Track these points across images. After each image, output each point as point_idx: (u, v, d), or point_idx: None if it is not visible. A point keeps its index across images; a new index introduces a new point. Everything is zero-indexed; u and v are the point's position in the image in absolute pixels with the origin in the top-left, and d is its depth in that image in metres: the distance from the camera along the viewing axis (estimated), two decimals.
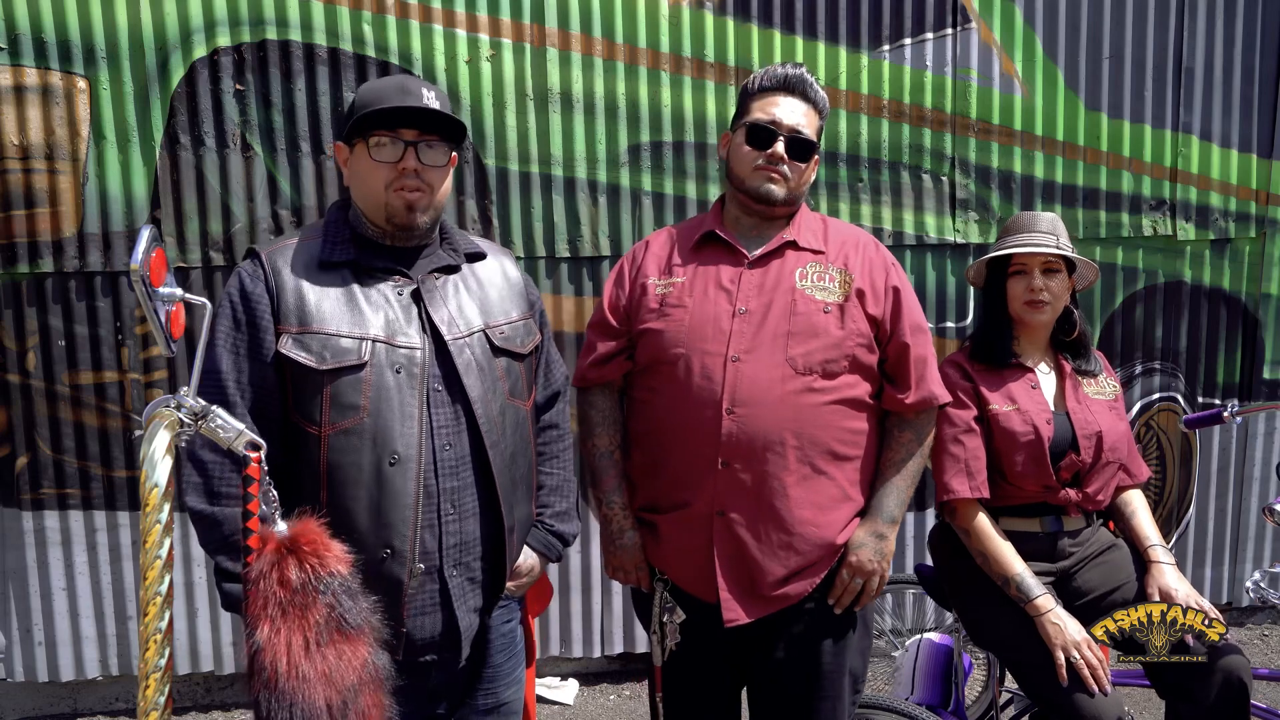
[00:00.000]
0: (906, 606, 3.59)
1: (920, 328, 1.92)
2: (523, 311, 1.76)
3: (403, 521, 1.54)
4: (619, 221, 3.33)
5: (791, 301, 1.85)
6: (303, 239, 1.66)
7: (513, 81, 3.22)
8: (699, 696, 2.00)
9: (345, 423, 1.53)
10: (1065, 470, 2.07)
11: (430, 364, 1.59)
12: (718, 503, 1.82)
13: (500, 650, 1.78)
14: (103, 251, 3.11)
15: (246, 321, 1.56)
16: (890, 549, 1.88)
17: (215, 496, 1.52)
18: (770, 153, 1.86)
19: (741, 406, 1.79)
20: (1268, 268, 3.68)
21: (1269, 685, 3.16)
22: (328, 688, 1.25)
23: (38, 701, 3.39)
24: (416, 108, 1.57)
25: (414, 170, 1.59)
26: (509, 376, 1.69)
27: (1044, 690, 1.96)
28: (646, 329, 1.91)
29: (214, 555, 1.55)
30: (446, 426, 1.59)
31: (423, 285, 1.64)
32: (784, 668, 1.89)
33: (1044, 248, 2.07)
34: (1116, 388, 2.22)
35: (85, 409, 3.17)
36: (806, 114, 1.91)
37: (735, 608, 1.83)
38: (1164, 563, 2.07)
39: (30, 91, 3.02)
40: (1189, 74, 3.52)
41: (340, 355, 1.54)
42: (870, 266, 1.91)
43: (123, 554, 3.24)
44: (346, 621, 1.29)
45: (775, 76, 1.91)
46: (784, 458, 1.79)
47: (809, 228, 1.96)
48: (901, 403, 1.89)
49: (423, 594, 1.59)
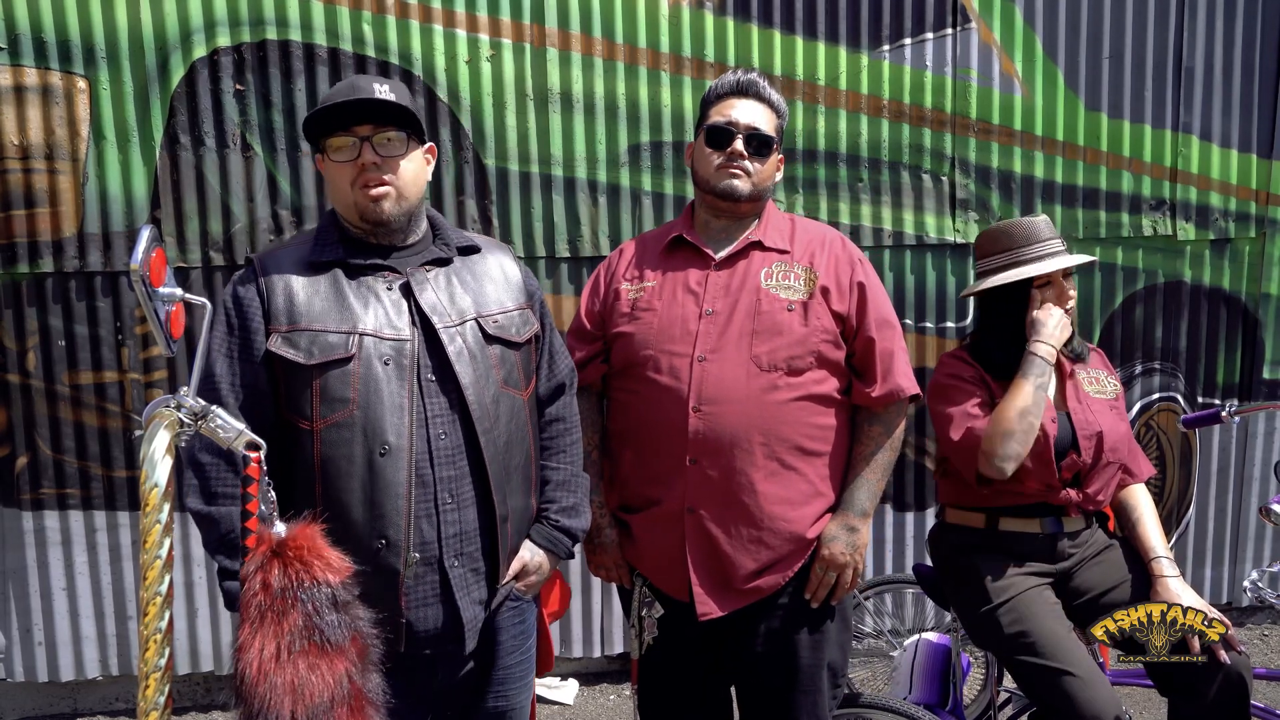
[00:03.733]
0: (905, 606, 3.59)
1: (887, 322, 1.95)
2: (519, 302, 1.76)
3: (395, 511, 1.56)
4: (619, 221, 3.33)
5: (756, 301, 1.89)
6: (296, 243, 1.70)
7: (513, 81, 3.22)
8: (678, 690, 2.04)
9: (335, 416, 1.55)
10: (1066, 470, 2.07)
11: (421, 354, 1.61)
12: (688, 500, 1.87)
13: (511, 652, 1.77)
14: (103, 251, 3.11)
15: (239, 325, 1.60)
16: (863, 541, 1.91)
17: (212, 497, 1.55)
18: (730, 150, 1.92)
19: (708, 405, 1.84)
20: (1267, 268, 3.67)
21: (1268, 685, 3.16)
22: (294, 699, 1.22)
23: (38, 701, 3.39)
24: (356, 100, 1.57)
25: (374, 164, 1.60)
26: (503, 365, 1.69)
27: (1042, 690, 1.96)
28: (619, 332, 1.97)
29: (213, 555, 1.57)
30: (441, 415, 1.60)
31: (412, 278, 1.65)
32: (762, 662, 1.93)
33: (1066, 257, 2.07)
34: (1117, 386, 2.21)
35: (85, 409, 3.17)
36: (763, 113, 1.95)
37: (708, 601, 1.88)
38: (1168, 576, 2.05)
39: (30, 91, 3.02)
40: (1189, 74, 3.52)
41: (327, 350, 1.56)
42: (835, 263, 1.94)
43: (123, 554, 3.24)
44: (324, 634, 1.26)
45: (728, 83, 1.97)
46: (751, 454, 1.84)
47: (775, 228, 2.00)
48: (869, 396, 1.92)
49: (423, 585, 1.60)
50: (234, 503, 1.52)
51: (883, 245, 3.44)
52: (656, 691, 2.05)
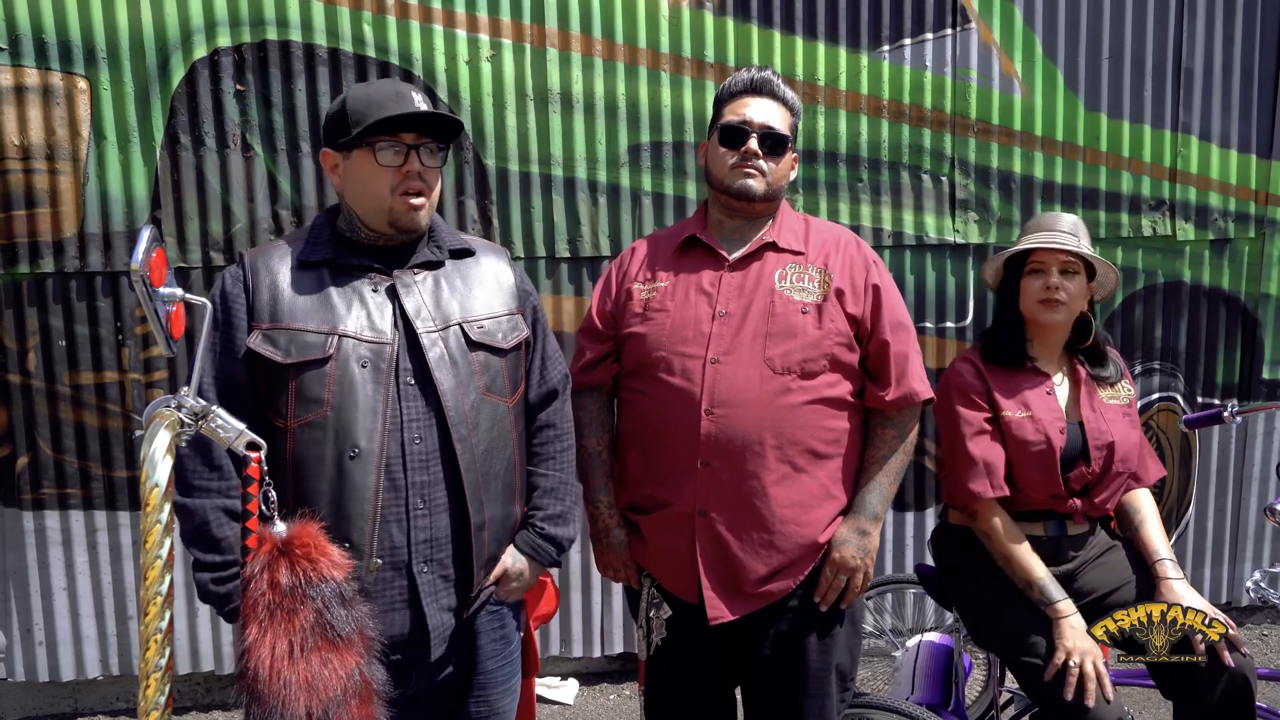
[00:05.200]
0: (906, 606, 3.59)
1: (901, 325, 1.94)
2: (509, 307, 1.75)
3: (361, 515, 1.55)
4: (619, 221, 3.33)
5: (770, 303, 1.87)
6: (287, 241, 1.70)
7: (513, 81, 3.22)
8: (686, 691, 2.02)
9: (309, 416, 1.56)
10: (1074, 481, 2.06)
11: (401, 357, 1.60)
12: (699, 502, 1.85)
13: (492, 656, 1.75)
14: (103, 251, 3.11)
15: (224, 321, 1.61)
16: (874, 545, 1.90)
17: (189, 489, 1.56)
18: (744, 149, 1.90)
19: (720, 407, 1.82)
20: (1267, 268, 3.67)
21: (1269, 685, 3.16)
22: (309, 695, 1.23)
23: (38, 701, 3.39)
24: (419, 112, 1.60)
25: (418, 173, 1.62)
26: (486, 371, 1.67)
27: (1044, 690, 1.96)
28: (631, 333, 1.95)
29: (187, 546, 1.57)
30: (417, 420, 1.60)
31: (399, 280, 1.65)
32: (771, 665, 1.91)
33: (1064, 244, 2.03)
34: (1131, 391, 2.18)
35: (86, 409, 3.17)
36: (778, 111, 1.93)
37: (719, 605, 1.86)
38: (1172, 578, 2.04)
39: (31, 92, 3.02)
40: (1189, 74, 3.52)
41: (305, 350, 1.56)
42: (850, 265, 1.93)
43: (123, 554, 3.24)
44: (335, 629, 1.28)
45: (742, 81, 1.95)
46: (763, 457, 1.82)
47: (789, 228, 1.98)
48: (883, 400, 1.90)
49: (390, 590, 1.59)
50: (208, 496, 1.55)
51: (883, 245, 3.44)
52: (664, 693, 2.04)
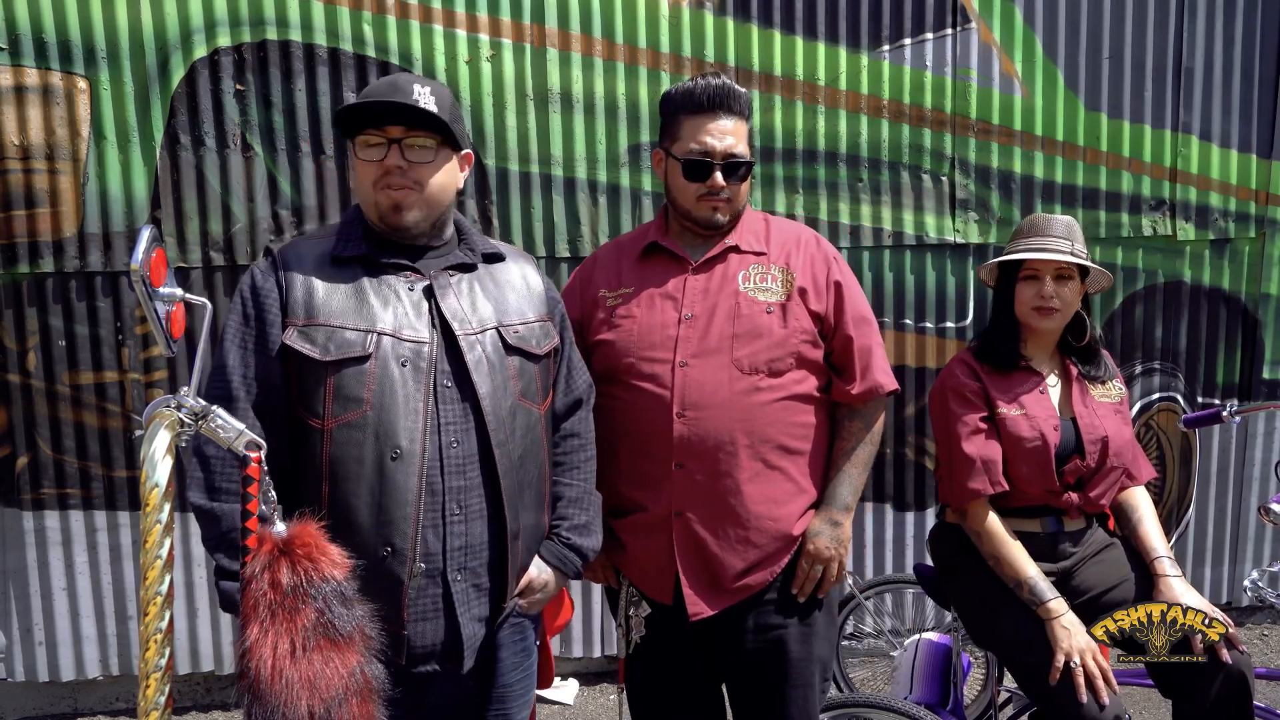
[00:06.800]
0: (905, 606, 3.59)
1: (864, 319, 1.97)
2: (540, 314, 1.73)
3: (404, 519, 1.51)
4: (619, 221, 3.33)
5: (735, 304, 1.90)
6: (319, 236, 1.67)
7: (513, 81, 3.22)
8: (668, 690, 2.04)
9: (347, 415, 1.52)
10: (1069, 475, 2.07)
11: (439, 359, 1.57)
12: (675, 504, 1.88)
13: (512, 669, 1.72)
14: (103, 251, 3.11)
15: (255, 316, 1.56)
16: (846, 535, 1.94)
17: (215, 492, 1.51)
18: (710, 184, 1.90)
19: (692, 409, 1.85)
20: (1267, 268, 3.68)
21: (1268, 685, 3.16)
22: (311, 694, 1.23)
23: (38, 701, 3.39)
24: (392, 103, 1.54)
25: (398, 168, 1.57)
26: (522, 377, 1.65)
27: (1043, 690, 1.96)
28: (599, 340, 1.97)
29: (212, 553, 1.53)
30: (454, 423, 1.56)
31: (435, 281, 1.62)
32: (753, 659, 1.94)
33: (1057, 254, 2.03)
34: (1122, 390, 2.20)
35: (85, 409, 3.17)
36: (735, 129, 1.90)
37: (699, 602, 1.89)
38: (1170, 575, 2.04)
39: (31, 92, 3.02)
40: (1189, 74, 3.52)
41: (344, 347, 1.52)
42: (811, 263, 1.96)
43: (123, 554, 3.25)
44: (336, 628, 1.27)
45: (696, 99, 1.90)
46: (736, 456, 1.85)
47: (750, 229, 2.00)
48: (849, 393, 1.94)
49: (424, 598, 1.55)
50: (237, 499, 1.47)
51: (883, 245, 3.44)
52: (647, 692, 2.06)
